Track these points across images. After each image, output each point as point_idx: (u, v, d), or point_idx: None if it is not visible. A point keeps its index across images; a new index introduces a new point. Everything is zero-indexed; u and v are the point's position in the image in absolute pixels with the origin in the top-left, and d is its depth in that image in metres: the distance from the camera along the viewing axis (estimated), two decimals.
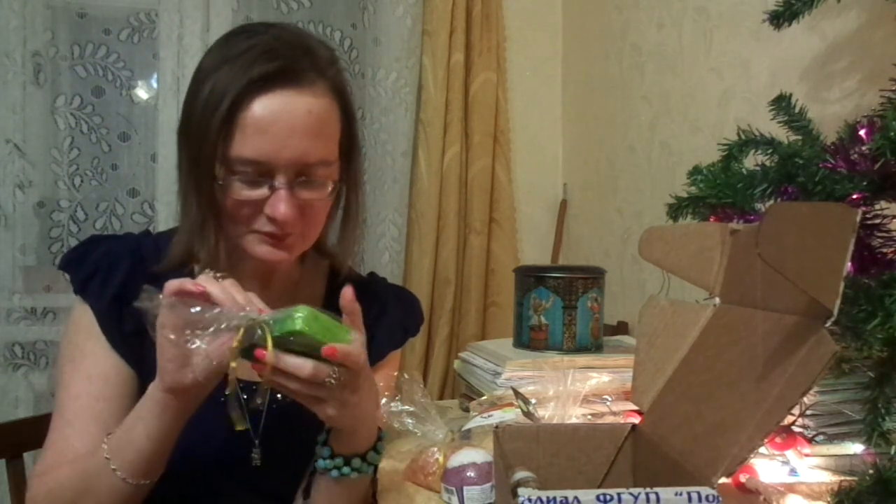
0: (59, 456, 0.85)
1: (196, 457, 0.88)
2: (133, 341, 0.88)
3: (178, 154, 0.89)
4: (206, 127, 0.83)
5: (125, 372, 0.89)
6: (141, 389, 0.89)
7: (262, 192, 0.84)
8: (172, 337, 0.71)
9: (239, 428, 0.72)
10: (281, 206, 0.83)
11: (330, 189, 0.88)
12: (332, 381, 0.72)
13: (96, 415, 0.87)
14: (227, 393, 0.71)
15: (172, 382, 0.74)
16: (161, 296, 0.72)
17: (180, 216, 0.91)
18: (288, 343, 0.70)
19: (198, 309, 0.70)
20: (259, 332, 0.70)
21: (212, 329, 0.70)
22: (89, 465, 0.80)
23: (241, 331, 0.70)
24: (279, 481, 0.90)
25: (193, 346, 0.70)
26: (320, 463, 0.82)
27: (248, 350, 0.71)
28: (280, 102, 0.82)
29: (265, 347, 0.69)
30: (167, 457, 0.80)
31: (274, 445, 0.89)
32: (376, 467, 0.86)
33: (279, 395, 0.91)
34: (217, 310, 0.70)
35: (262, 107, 0.82)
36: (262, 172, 0.83)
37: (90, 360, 0.88)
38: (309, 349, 0.70)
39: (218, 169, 0.83)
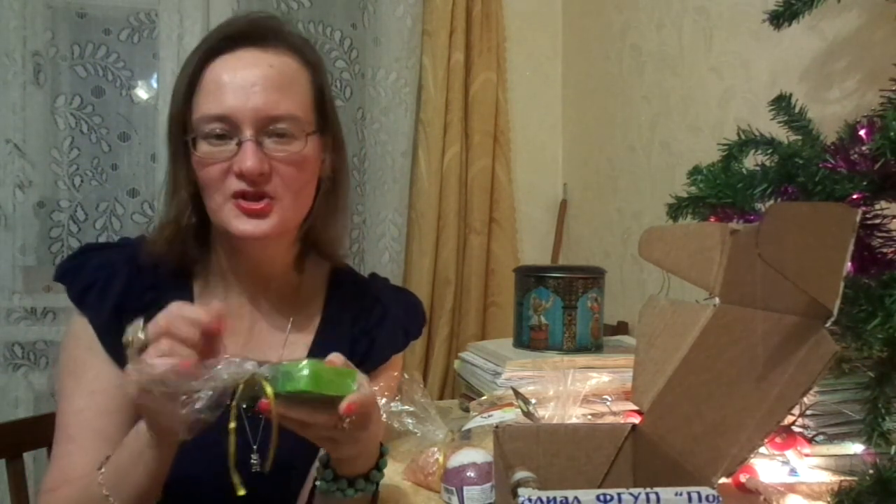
0: (65, 473, 0.84)
1: (192, 472, 0.86)
2: None
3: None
4: (175, 98, 0.85)
5: None
6: None
7: (230, 148, 0.83)
8: (171, 404, 0.66)
9: (240, 493, 0.66)
10: (248, 160, 0.81)
11: (303, 145, 0.85)
12: (345, 425, 0.68)
13: (100, 429, 0.85)
14: (229, 436, 0.66)
15: (170, 434, 0.71)
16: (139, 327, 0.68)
17: (166, 198, 0.90)
18: (293, 395, 0.66)
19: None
20: (259, 386, 0.66)
21: (211, 386, 0.65)
22: (86, 494, 0.79)
23: (241, 387, 0.66)
24: (279, 491, 0.89)
25: (194, 408, 0.65)
26: (322, 485, 0.80)
27: (250, 403, 0.67)
28: (241, 58, 0.84)
29: (267, 398, 0.65)
30: (164, 480, 0.78)
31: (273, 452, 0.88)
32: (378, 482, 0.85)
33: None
34: (211, 366, 0.66)
35: (224, 64, 0.84)
36: (228, 128, 0.83)
37: (91, 373, 0.87)
38: (315, 398, 0.67)
39: (188, 134, 0.84)
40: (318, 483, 0.81)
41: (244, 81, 0.83)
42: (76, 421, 0.86)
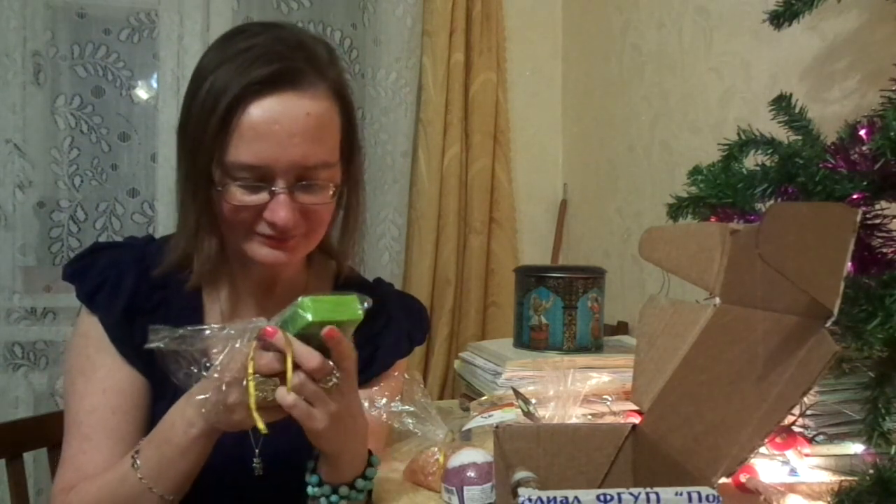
0: (80, 472, 0.85)
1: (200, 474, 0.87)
2: (145, 351, 0.85)
3: (177, 153, 0.88)
4: (203, 131, 0.81)
5: (139, 382, 0.89)
6: (154, 397, 0.89)
7: (262, 196, 0.82)
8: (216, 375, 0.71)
9: (264, 433, 0.71)
10: (281, 211, 0.81)
11: (331, 192, 0.86)
12: (335, 379, 0.72)
13: (113, 427, 0.86)
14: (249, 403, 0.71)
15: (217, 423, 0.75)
16: (164, 331, 0.72)
17: (178, 220, 0.90)
18: (307, 339, 0.70)
19: (208, 332, 0.70)
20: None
21: (227, 349, 0.70)
22: (121, 489, 0.80)
23: (255, 342, 0.70)
24: (279, 494, 0.89)
25: (210, 372, 0.71)
26: (309, 490, 0.81)
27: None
28: (279, 106, 0.81)
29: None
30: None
31: (275, 456, 0.88)
32: (370, 493, 0.85)
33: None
34: (223, 328, 0.70)
35: (261, 110, 0.80)
36: (261, 177, 0.81)
37: (102, 372, 0.88)
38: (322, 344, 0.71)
39: (215, 173, 0.82)
40: (307, 490, 0.82)
41: (282, 132, 0.80)
42: (89, 420, 0.86)
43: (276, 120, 0.80)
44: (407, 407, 0.95)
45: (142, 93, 2.06)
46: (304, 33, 0.89)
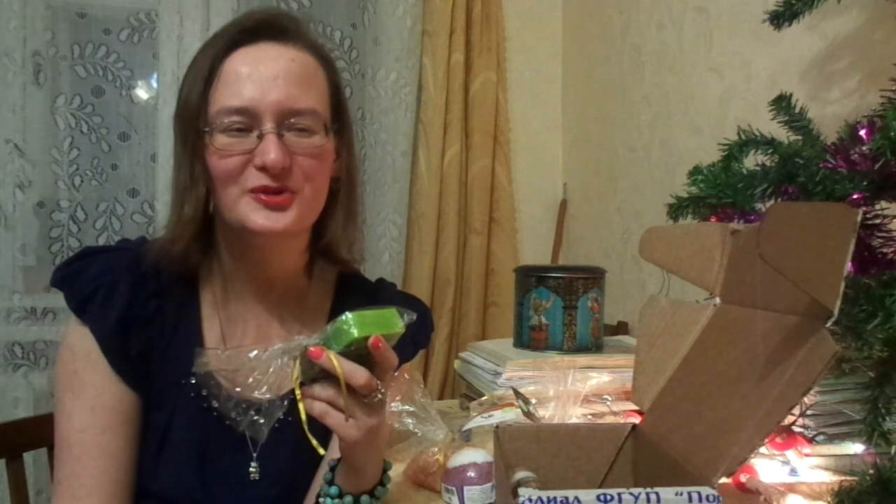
0: (74, 499, 0.83)
1: (194, 482, 0.87)
2: (139, 364, 0.85)
3: (174, 136, 0.88)
4: (191, 91, 0.83)
5: (129, 398, 0.86)
6: (149, 408, 0.87)
7: (250, 141, 0.81)
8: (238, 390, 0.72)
9: (321, 452, 0.73)
10: (270, 152, 0.79)
11: (323, 140, 0.84)
12: (380, 395, 0.72)
13: (104, 447, 0.83)
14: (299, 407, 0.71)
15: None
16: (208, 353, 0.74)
17: (172, 190, 0.87)
18: (348, 354, 0.70)
19: (254, 353, 0.70)
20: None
21: (271, 369, 0.70)
22: None
23: (297, 362, 0.70)
24: (275, 499, 0.89)
25: (261, 392, 0.71)
26: (328, 502, 0.80)
27: (307, 373, 0.72)
28: (262, 51, 0.83)
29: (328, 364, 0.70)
30: None
31: (271, 461, 0.88)
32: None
33: (281, 414, 0.90)
34: (265, 349, 0.70)
35: (244, 56, 0.82)
36: (248, 121, 0.80)
37: (91, 389, 0.84)
38: (362, 357, 0.71)
39: (204, 126, 0.82)
40: (321, 500, 0.81)
41: (265, 74, 0.81)
42: (79, 440, 0.83)
43: (259, 62, 0.82)
44: (407, 407, 0.95)
45: (142, 93, 2.06)
46: (288, 13, 0.93)
